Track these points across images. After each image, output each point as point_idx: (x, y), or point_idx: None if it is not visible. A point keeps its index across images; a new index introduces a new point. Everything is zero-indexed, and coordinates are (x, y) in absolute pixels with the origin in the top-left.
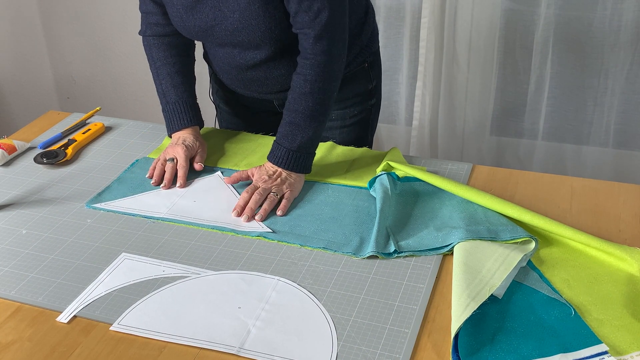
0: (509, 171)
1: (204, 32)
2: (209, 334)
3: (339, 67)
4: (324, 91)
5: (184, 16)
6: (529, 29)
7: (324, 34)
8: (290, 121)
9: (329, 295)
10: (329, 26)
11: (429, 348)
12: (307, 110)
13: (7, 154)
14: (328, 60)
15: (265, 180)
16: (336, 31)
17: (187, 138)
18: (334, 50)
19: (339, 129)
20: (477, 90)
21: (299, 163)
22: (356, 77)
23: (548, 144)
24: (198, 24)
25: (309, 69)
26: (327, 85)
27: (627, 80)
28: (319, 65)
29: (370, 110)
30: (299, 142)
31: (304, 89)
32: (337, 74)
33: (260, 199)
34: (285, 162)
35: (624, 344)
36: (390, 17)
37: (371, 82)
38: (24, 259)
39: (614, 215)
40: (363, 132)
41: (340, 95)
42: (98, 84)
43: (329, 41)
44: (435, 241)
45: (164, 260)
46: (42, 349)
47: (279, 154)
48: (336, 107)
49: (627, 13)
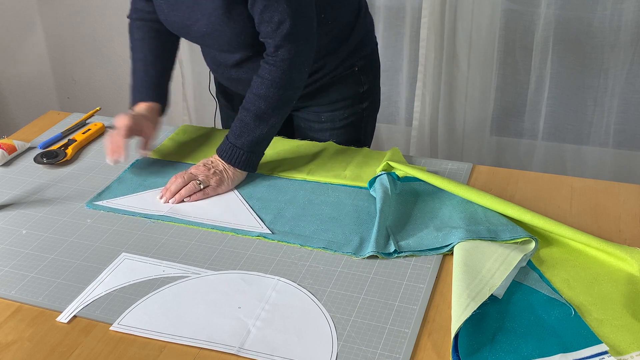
0: (509, 171)
1: (183, 30)
2: (209, 334)
3: (298, 77)
4: (278, 97)
5: (166, 10)
6: (529, 29)
7: (284, 44)
8: (240, 118)
9: (329, 295)
10: (289, 37)
11: (429, 348)
12: (258, 111)
13: (7, 154)
14: (287, 69)
15: (198, 167)
16: (298, 42)
17: (140, 110)
18: (295, 60)
19: (330, 131)
20: (477, 90)
21: (240, 160)
22: (345, 81)
23: (548, 144)
24: (177, 20)
25: (268, 73)
26: (283, 92)
27: (627, 80)
28: (277, 72)
29: (362, 113)
30: (244, 139)
31: (259, 90)
32: (295, 83)
33: (182, 184)
34: (226, 155)
35: (624, 344)
36: (390, 17)
37: (362, 85)
38: (24, 259)
39: (614, 215)
40: (355, 135)
41: (329, 98)
42: (98, 84)
43: (289, 52)
44: (435, 241)
45: (164, 260)
46: (42, 349)
47: (223, 147)
48: (325, 110)
49: (627, 13)
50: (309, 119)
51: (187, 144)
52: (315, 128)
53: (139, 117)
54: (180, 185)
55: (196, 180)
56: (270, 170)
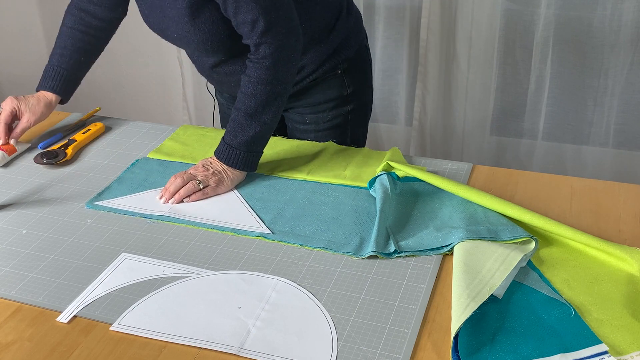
0: (509, 171)
1: (160, 32)
2: (209, 334)
3: (285, 70)
4: (266, 93)
5: (146, 12)
6: (529, 29)
7: (262, 41)
8: (234, 119)
9: (329, 295)
10: (267, 34)
11: (429, 348)
12: (249, 110)
13: (7, 155)
14: (271, 65)
15: (197, 167)
16: (276, 36)
17: (32, 98)
18: (277, 55)
19: (314, 133)
20: (477, 90)
21: (238, 159)
22: (328, 83)
23: (548, 144)
24: (154, 22)
25: (253, 70)
26: (270, 87)
27: (627, 80)
28: (261, 69)
29: (347, 116)
30: (239, 139)
31: (248, 89)
32: (282, 77)
33: (181, 183)
34: (224, 156)
35: (624, 344)
36: (390, 17)
37: (346, 88)
38: (24, 259)
39: (614, 215)
40: (340, 137)
41: (312, 100)
42: (98, 84)
43: (269, 47)
44: (435, 241)
45: (164, 260)
46: (42, 349)
47: (220, 148)
48: (309, 112)
49: (627, 13)
50: (295, 119)
51: (187, 144)
52: (300, 129)
53: (24, 103)
54: (180, 185)
55: (195, 180)
56: (270, 170)
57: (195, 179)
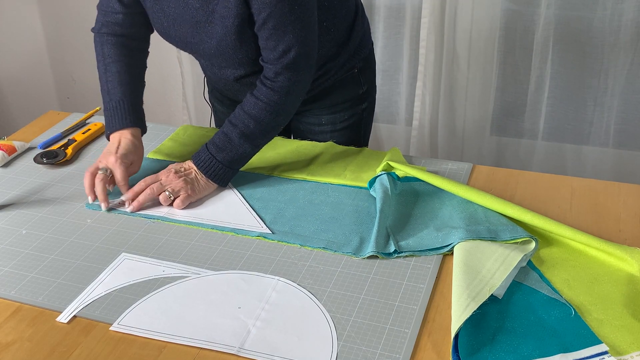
0: (509, 171)
1: (184, 45)
2: (209, 334)
3: (293, 104)
4: (269, 122)
5: (165, 24)
6: (529, 29)
7: (285, 72)
8: (226, 133)
9: (329, 295)
10: (292, 66)
11: (429, 348)
12: (246, 130)
13: (7, 155)
14: (284, 95)
15: (169, 173)
16: (299, 71)
17: (124, 142)
18: (293, 88)
19: (330, 133)
20: (477, 90)
21: (216, 173)
22: (346, 83)
23: (548, 144)
24: (179, 35)
25: (264, 95)
26: (275, 117)
27: (627, 80)
28: (274, 96)
29: (362, 114)
30: (225, 155)
31: (252, 110)
32: (289, 109)
33: (151, 195)
34: (203, 166)
35: (624, 344)
36: (390, 17)
37: (362, 86)
38: (24, 259)
39: (614, 215)
40: (355, 135)
41: (330, 100)
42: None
43: (289, 80)
44: (435, 241)
45: (163, 260)
46: (42, 349)
47: (201, 155)
48: (326, 112)
49: (627, 13)
50: (309, 122)
51: (187, 144)
52: (315, 130)
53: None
54: (150, 197)
55: (165, 191)
56: (270, 170)
57: (164, 190)
